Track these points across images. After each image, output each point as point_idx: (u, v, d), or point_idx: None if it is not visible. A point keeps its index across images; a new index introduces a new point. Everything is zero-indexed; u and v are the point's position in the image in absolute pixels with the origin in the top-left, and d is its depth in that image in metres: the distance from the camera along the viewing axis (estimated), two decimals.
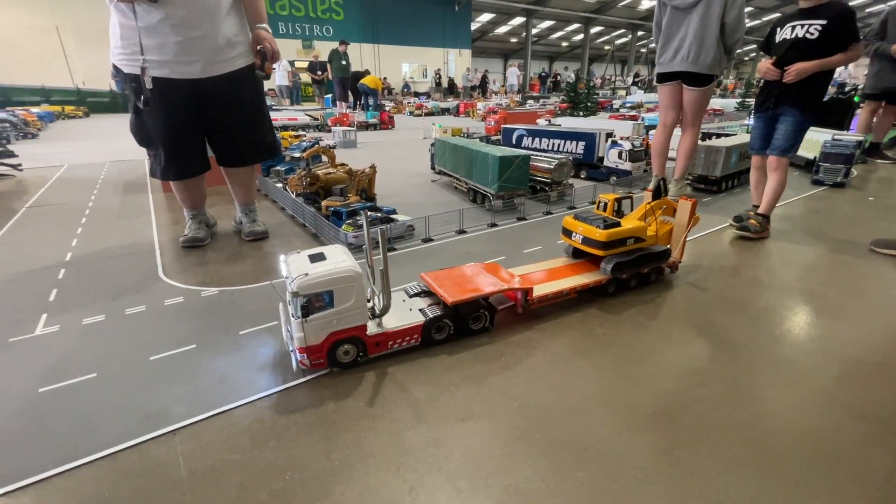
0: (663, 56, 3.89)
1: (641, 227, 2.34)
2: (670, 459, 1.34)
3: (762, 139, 3.34)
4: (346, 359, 1.75)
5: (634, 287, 2.43)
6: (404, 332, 1.85)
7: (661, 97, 4.10)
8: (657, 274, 2.51)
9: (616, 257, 2.29)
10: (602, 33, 33.75)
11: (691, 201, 2.45)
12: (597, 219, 2.33)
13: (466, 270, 2.18)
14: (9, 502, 1.21)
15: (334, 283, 1.62)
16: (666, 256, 2.47)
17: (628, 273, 2.34)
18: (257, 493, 1.23)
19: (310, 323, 1.63)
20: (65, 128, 12.09)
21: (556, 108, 11.96)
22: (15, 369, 1.79)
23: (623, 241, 2.28)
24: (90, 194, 4.71)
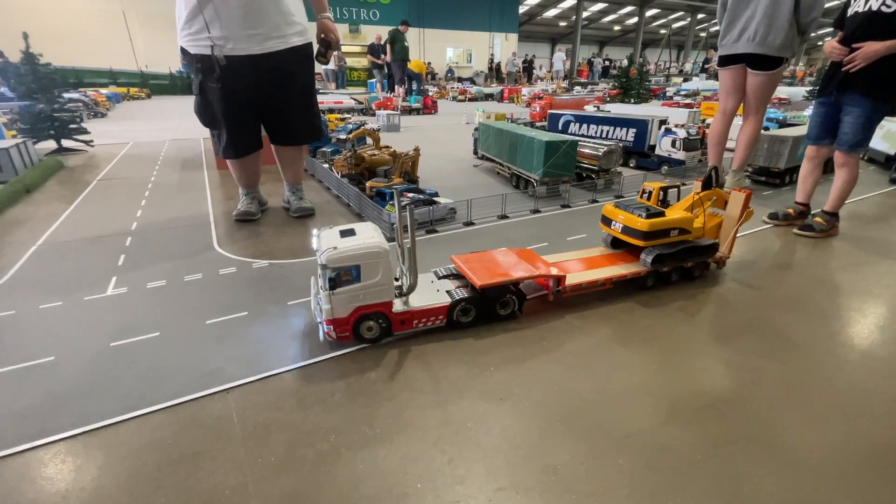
0: (727, 37, 3.64)
1: (687, 217, 2.21)
2: (718, 456, 1.29)
3: (822, 127, 3.02)
4: (369, 334, 1.77)
5: (676, 281, 2.31)
6: (429, 312, 1.85)
7: (722, 81, 3.85)
8: (702, 269, 2.37)
9: (657, 249, 2.16)
10: (658, 16, 31.97)
11: (745, 193, 2.27)
12: (639, 207, 2.20)
13: (498, 255, 2.15)
14: (85, 441, 1.34)
15: (361, 258, 1.65)
16: (713, 251, 2.31)
17: (670, 266, 2.22)
18: (304, 451, 1.29)
19: (337, 296, 1.66)
20: (130, 108, 12.88)
21: (605, 95, 11.50)
22: (90, 324, 1.95)
23: (666, 233, 2.16)
24: (152, 170, 5.01)
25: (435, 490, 1.17)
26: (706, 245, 2.28)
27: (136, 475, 1.22)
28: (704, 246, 2.27)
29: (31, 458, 1.28)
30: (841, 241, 2.93)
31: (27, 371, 1.64)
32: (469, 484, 1.19)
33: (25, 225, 3.24)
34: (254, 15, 2.68)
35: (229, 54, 2.70)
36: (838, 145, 2.91)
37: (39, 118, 5.85)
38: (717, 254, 2.36)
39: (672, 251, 2.18)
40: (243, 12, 2.65)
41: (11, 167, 4.40)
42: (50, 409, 1.45)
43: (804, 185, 3.21)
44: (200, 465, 1.25)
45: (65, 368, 1.66)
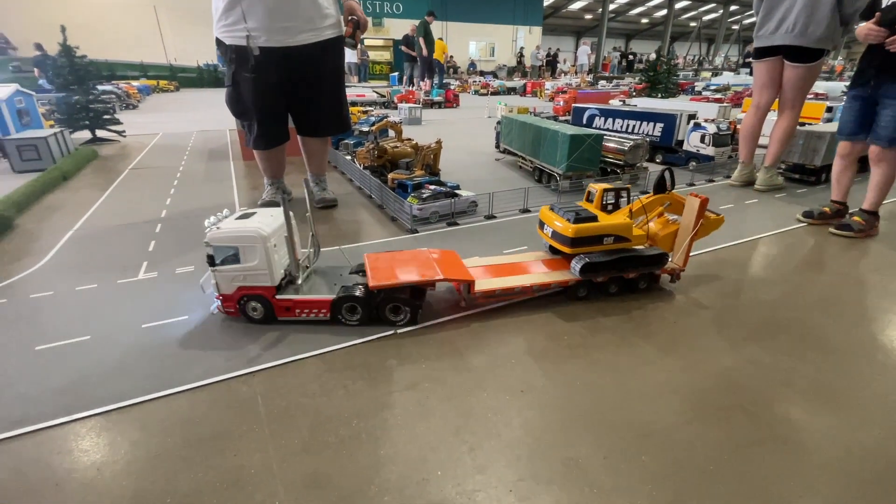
0: (764, 28, 3.51)
1: (624, 224, 1.99)
2: (745, 456, 1.25)
3: (856, 122, 2.82)
4: (254, 315, 1.84)
5: (616, 294, 2.09)
6: (312, 304, 1.82)
7: (757, 74, 3.72)
8: (649, 281, 2.12)
9: (588, 256, 1.98)
10: (688, 8, 31.01)
11: (701, 198, 1.99)
12: (571, 211, 2.01)
13: (413, 255, 2.03)
14: (118, 416, 1.39)
15: (239, 240, 1.72)
16: (660, 262, 2.08)
17: (605, 276, 2.02)
18: (326, 435, 1.31)
19: (219, 273, 1.76)
20: (159, 100, 13.23)
21: (631, 89, 11.25)
22: (123, 307, 2.02)
23: (598, 239, 1.97)
24: (181, 159, 5.14)
25: (455, 478, 1.18)
26: (651, 255, 2.05)
27: (166, 451, 1.26)
28: (649, 256, 2.05)
29: (68, 431, 1.34)
30: (879, 243, 2.80)
31: (64, 349, 1.71)
32: (490, 473, 1.19)
33: (62, 211, 3.37)
34: (288, 8, 2.71)
35: (263, 46, 2.74)
36: (875, 140, 2.72)
37: (75, 109, 6.06)
38: (668, 265, 2.12)
39: (606, 260, 1.98)
40: (278, 5, 2.68)
41: (50, 155, 4.58)
42: (85, 385, 1.51)
43: (839, 183, 3.05)
44: (227, 444, 1.28)
45: (99, 347, 1.72)
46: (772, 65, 3.56)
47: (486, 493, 1.14)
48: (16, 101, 5.29)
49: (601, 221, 1.98)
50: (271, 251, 1.76)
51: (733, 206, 3.44)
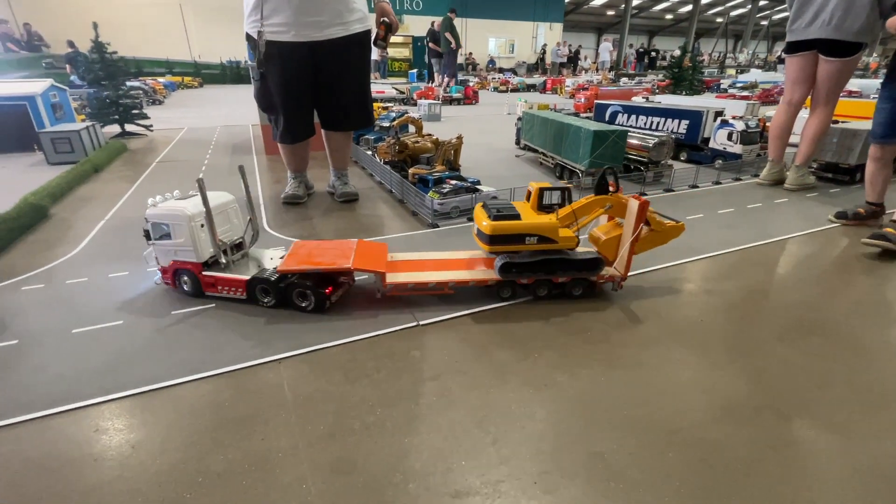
0: (798, 21, 3.40)
1: (548, 224, 1.87)
2: (778, 458, 1.22)
3: (890, 124, 2.62)
4: (186, 287, 2.01)
5: (547, 298, 2.00)
6: (230, 282, 1.94)
7: (790, 70, 3.60)
8: (585, 287, 2.01)
9: (509, 256, 1.92)
10: (714, 3, 30.25)
11: (640, 201, 1.85)
12: (495, 208, 1.94)
13: (337, 245, 2.04)
14: (151, 398, 1.43)
15: (169, 218, 1.89)
16: (594, 267, 1.96)
17: (531, 279, 1.95)
18: (351, 422, 1.33)
19: (156, 247, 1.98)
20: (184, 96, 13.54)
21: (654, 87, 11.03)
22: (152, 293, 2.08)
23: (520, 238, 1.87)
24: (206, 153, 5.26)
25: (479, 468, 1.18)
26: (582, 259, 1.94)
27: (197, 433, 1.29)
28: (579, 260, 1.94)
29: (104, 409, 1.38)
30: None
31: (99, 332, 1.77)
32: (513, 465, 1.19)
33: (94, 201, 3.48)
34: (316, 3, 2.73)
35: (291, 41, 2.77)
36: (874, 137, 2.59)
37: (105, 104, 6.25)
38: (607, 272, 2.01)
39: (529, 261, 1.90)
40: (304, 1, 2.70)
41: (82, 148, 4.73)
42: (119, 367, 1.56)
43: (873, 185, 2.89)
44: (255, 427, 1.31)
45: (132, 332, 1.77)
46: (805, 60, 3.45)
47: (511, 483, 1.14)
48: (50, 95, 5.48)
49: (523, 220, 1.88)
50: (196, 230, 1.90)
51: (761, 206, 3.35)
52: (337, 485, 1.13)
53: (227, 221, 2.07)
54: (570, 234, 1.92)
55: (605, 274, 2.00)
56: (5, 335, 1.75)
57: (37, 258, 2.45)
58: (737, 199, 3.48)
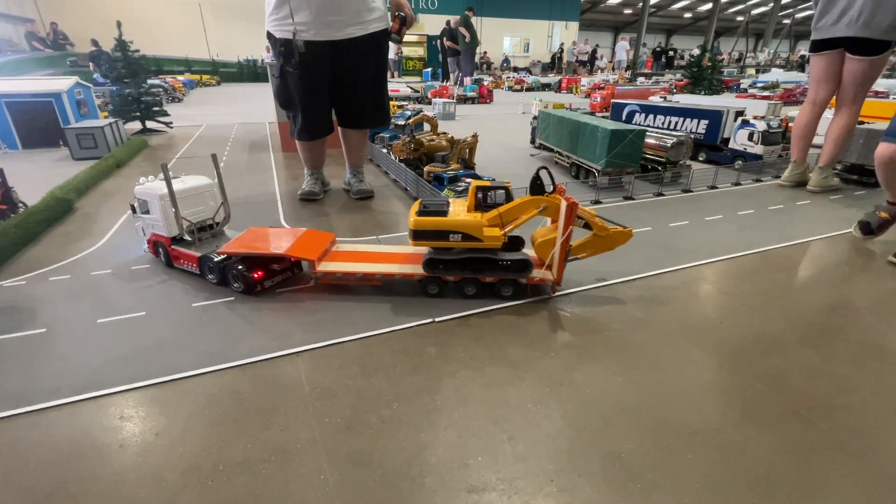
0: (824, 18, 3.32)
1: (472, 222, 1.85)
2: (802, 463, 1.20)
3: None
4: (162, 258, 2.29)
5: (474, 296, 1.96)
6: (187, 257, 2.16)
7: (815, 69, 3.52)
8: (513, 288, 1.97)
9: (434, 252, 1.93)
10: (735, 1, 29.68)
11: (568, 201, 1.79)
12: (425, 204, 1.97)
13: (285, 233, 2.25)
14: (174, 388, 1.46)
15: (148, 196, 2.18)
16: (522, 269, 1.93)
17: (457, 276, 1.94)
18: (368, 415, 1.34)
19: (140, 220, 2.29)
20: (202, 94, 13.76)
21: (672, 86, 10.87)
22: (174, 286, 2.12)
23: (443, 235, 1.86)
24: (224, 150, 5.34)
25: (496, 465, 1.18)
26: (511, 260, 1.91)
27: (218, 422, 1.32)
28: (507, 261, 1.91)
29: (129, 398, 1.42)
30: None
31: (123, 322, 1.81)
32: (530, 463, 1.19)
33: (117, 196, 3.56)
34: (336, 3, 2.76)
35: (310, 39, 2.80)
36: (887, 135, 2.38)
37: (127, 101, 6.39)
38: (537, 275, 1.95)
39: (454, 258, 1.91)
40: (323, 2, 2.73)
41: (105, 144, 4.85)
42: (143, 357, 1.60)
43: (892, 187, 2.58)
44: (274, 418, 1.33)
45: (154, 323, 1.82)
46: (831, 58, 3.37)
47: (527, 481, 1.14)
48: (75, 92, 5.62)
49: (448, 217, 1.88)
50: (167, 208, 2.13)
51: (783, 207, 3.28)
52: (354, 476, 1.15)
53: (201, 203, 2.29)
54: (495, 234, 1.87)
55: (537, 276, 1.96)
56: (34, 323, 1.80)
57: (63, 250, 2.51)
58: (757, 201, 3.41)
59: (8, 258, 2.38)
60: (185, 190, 2.19)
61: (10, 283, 2.13)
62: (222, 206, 2.36)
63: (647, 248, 2.54)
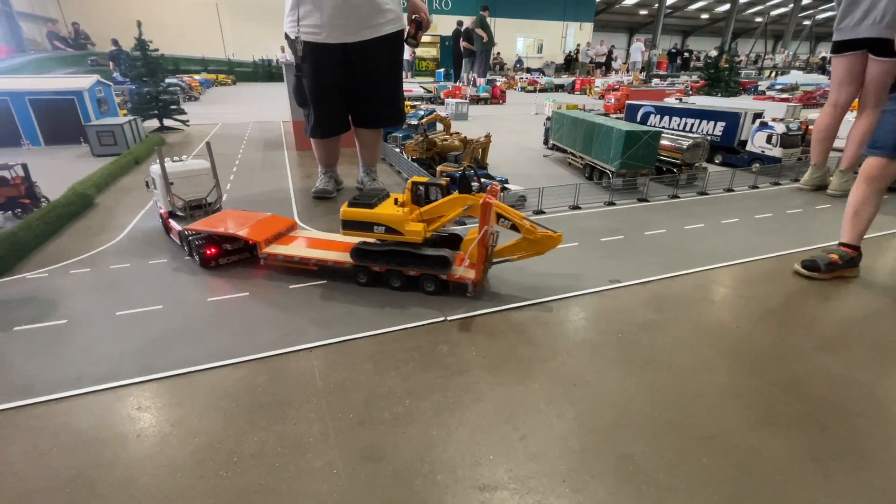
0: (847, 19, 3.25)
1: (395, 216, 1.90)
2: (820, 470, 1.17)
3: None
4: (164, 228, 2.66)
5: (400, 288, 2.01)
6: (172, 229, 2.47)
7: (837, 70, 3.45)
8: (435, 284, 1.98)
9: (363, 242, 2.02)
10: (754, 2, 29.19)
11: (484, 201, 1.82)
12: (359, 195, 2.07)
13: (251, 217, 2.43)
14: (190, 380, 1.49)
15: (153, 174, 2.54)
16: (441, 265, 1.94)
17: (382, 267, 2.01)
18: (380, 412, 1.35)
19: (154, 194, 2.68)
20: (218, 93, 13.94)
21: (688, 88, 10.74)
22: (190, 281, 2.16)
23: (368, 227, 1.96)
24: (239, 148, 5.41)
25: (508, 463, 1.18)
26: (429, 255, 1.93)
27: (233, 414, 1.33)
28: (425, 256, 1.94)
29: (146, 388, 1.44)
30: None
31: (141, 315, 1.85)
32: (542, 462, 1.18)
33: (135, 192, 3.62)
34: (348, 7, 2.79)
35: (323, 42, 2.85)
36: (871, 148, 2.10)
37: (146, 99, 6.50)
38: (456, 272, 1.95)
39: (378, 249, 1.99)
40: (336, 5, 2.77)
41: (124, 141, 4.94)
42: (160, 349, 1.63)
43: (857, 219, 2.23)
44: (287, 412, 1.34)
45: (171, 316, 1.85)
46: (854, 60, 3.30)
47: (539, 480, 1.13)
48: (96, 90, 5.74)
49: (374, 210, 1.97)
50: (163, 185, 2.44)
51: (802, 212, 3.22)
52: (366, 471, 1.15)
53: (199, 185, 2.58)
54: (417, 229, 1.92)
55: (457, 274, 1.97)
56: (56, 314, 1.84)
57: (83, 243, 2.57)
58: (775, 204, 3.35)
59: (31, 250, 2.44)
60: (180, 172, 2.50)
61: (32, 275, 2.18)
62: (215, 189, 2.64)
63: (662, 251, 2.51)
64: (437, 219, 1.97)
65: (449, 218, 1.95)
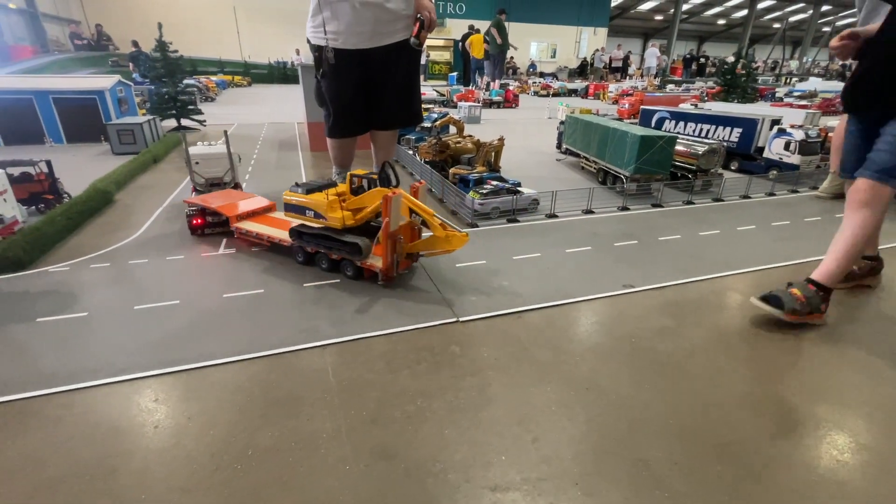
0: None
1: (321, 202, 2.11)
2: (845, 484, 1.15)
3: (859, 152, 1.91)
4: None
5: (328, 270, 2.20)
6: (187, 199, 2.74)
7: None
8: (353, 270, 2.14)
9: (300, 225, 2.23)
10: (772, 8, 28.82)
11: (392, 192, 1.92)
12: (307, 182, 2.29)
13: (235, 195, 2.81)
14: (206, 374, 1.51)
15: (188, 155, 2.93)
16: (354, 252, 2.07)
17: (313, 249, 2.20)
18: (392, 410, 1.36)
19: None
20: (234, 94, 14.14)
21: (703, 94, 10.63)
22: (206, 277, 2.19)
23: (301, 210, 2.19)
24: (254, 148, 5.48)
25: (520, 465, 1.18)
26: (345, 241, 2.09)
27: (247, 409, 1.35)
28: (343, 241, 2.10)
29: (164, 382, 1.47)
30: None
31: (158, 310, 1.88)
32: (554, 465, 1.18)
33: (153, 189, 3.69)
34: (366, 15, 2.83)
35: (341, 48, 2.90)
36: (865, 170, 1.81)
37: (164, 99, 6.63)
38: (367, 260, 2.08)
39: (309, 232, 2.19)
40: (354, 12, 2.82)
41: (143, 140, 5.04)
42: (177, 343, 1.66)
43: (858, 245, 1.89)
44: (301, 408, 1.36)
45: (188, 311, 1.88)
46: None
47: (552, 483, 1.13)
48: (117, 90, 5.87)
49: (307, 195, 2.16)
50: (192, 165, 2.94)
51: (820, 220, 3.17)
52: (378, 469, 1.16)
53: (216, 166, 3.02)
54: (338, 215, 2.10)
55: (367, 262, 2.10)
56: (76, 307, 1.89)
57: (103, 239, 2.62)
58: (793, 212, 3.30)
59: (53, 245, 2.50)
60: (202, 154, 2.99)
61: (55, 269, 2.24)
62: (230, 171, 3.07)
63: (677, 257, 2.49)
64: (361, 209, 2.14)
65: (371, 209, 2.11)
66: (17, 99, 5.20)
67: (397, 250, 2.05)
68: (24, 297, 1.97)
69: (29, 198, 2.95)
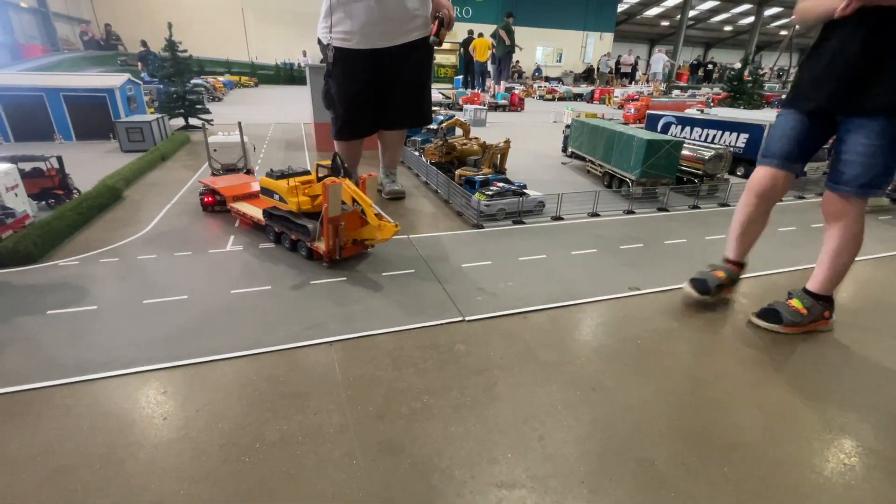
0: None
1: (283, 187, 2.37)
2: (852, 489, 1.15)
3: (790, 141, 1.79)
4: None
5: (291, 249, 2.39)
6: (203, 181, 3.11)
7: None
8: (307, 252, 2.31)
9: (273, 207, 2.48)
10: (780, 15, 28.78)
11: (332, 181, 2.08)
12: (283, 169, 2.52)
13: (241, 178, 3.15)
14: (214, 368, 1.52)
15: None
16: (304, 233, 2.27)
17: (280, 229, 2.42)
18: (398, 406, 1.36)
19: None
20: (241, 94, 14.23)
21: (709, 100, 10.63)
22: (214, 273, 2.21)
23: (270, 193, 2.49)
24: (261, 148, 5.51)
25: (525, 462, 1.18)
26: (297, 222, 2.30)
27: (255, 403, 1.36)
28: (296, 222, 2.31)
29: (171, 374, 1.48)
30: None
31: (167, 305, 1.90)
32: (559, 463, 1.18)
33: (161, 186, 3.72)
34: (379, 15, 2.84)
35: (354, 48, 2.90)
36: (839, 184, 1.69)
37: (172, 98, 6.68)
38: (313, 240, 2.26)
39: (276, 213, 2.43)
40: (368, 13, 2.83)
41: (152, 138, 5.08)
42: (185, 337, 1.67)
43: (745, 235, 2.02)
44: (308, 403, 1.37)
45: (195, 306, 1.89)
46: None
47: (558, 480, 1.13)
48: (126, 89, 5.92)
49: (275, 181, 2.42)
50: (211, 152, 3.38)
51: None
52: (385, 463, 1.17)
53: (231, 153, 3.43)
54: (294, 200, 2.33)
55: (315, 244, 2.27)
56: (86, 301, 1.90)
57: (112, 234, 2.65)
58: (800, 218, 3.29)
59: (63, 239, 2.52)
60: (220, 142, 3.39)
61: (64, 263, 2.26)
62: (242, 158, 3.45)
63: (682, 260, 2.49)
64: (318, 195, 2.34)
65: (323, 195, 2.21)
66: (28, 96, 5.26)
67: (339, 235, 2.21)
68: (34, 290, 1.99)
69: (39, 193, 2.98)
